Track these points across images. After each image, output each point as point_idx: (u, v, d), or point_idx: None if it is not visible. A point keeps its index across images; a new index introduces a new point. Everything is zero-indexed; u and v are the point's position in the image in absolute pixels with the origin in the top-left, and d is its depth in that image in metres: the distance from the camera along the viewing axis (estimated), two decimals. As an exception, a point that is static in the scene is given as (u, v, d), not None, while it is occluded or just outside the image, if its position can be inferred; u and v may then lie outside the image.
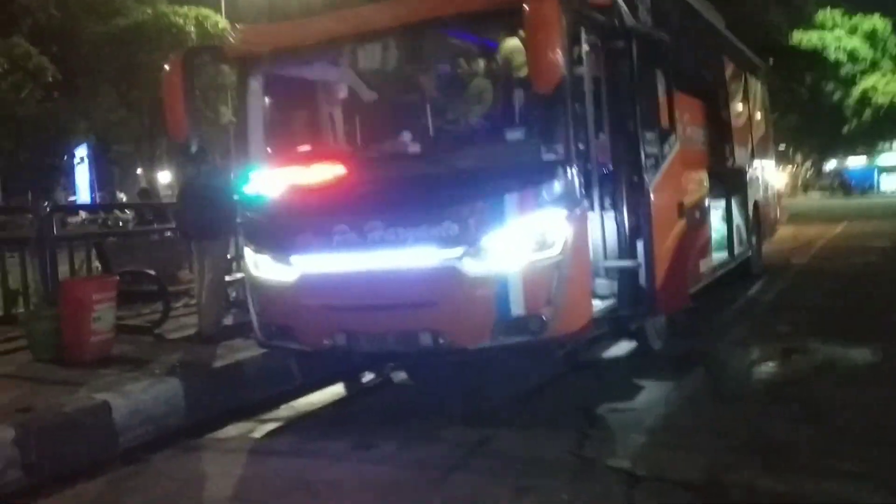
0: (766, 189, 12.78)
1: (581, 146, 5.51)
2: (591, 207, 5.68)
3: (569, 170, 5.21)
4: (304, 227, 5.78)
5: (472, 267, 5.22)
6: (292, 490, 4.35)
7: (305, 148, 6.36)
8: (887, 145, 54.08)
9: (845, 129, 46.58)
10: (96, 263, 8.72)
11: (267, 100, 6.31)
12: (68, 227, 14.73)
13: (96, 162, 34.70)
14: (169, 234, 9.65)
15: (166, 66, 6.01)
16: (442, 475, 4.37)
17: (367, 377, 6.88)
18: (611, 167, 6.00)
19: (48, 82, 25.62)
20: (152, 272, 7.78)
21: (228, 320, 7.88)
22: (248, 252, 6.18)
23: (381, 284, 5.46)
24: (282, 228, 5.89)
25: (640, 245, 5.96)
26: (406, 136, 5.84)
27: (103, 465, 4.98)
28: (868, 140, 49.42)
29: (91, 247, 8.59)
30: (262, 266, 6.03)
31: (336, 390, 6.58)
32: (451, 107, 6.04)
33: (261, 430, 5.62)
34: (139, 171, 36.31)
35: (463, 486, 4.21)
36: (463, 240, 5.24)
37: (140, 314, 8.22)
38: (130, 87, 27.16)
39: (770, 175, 13.70)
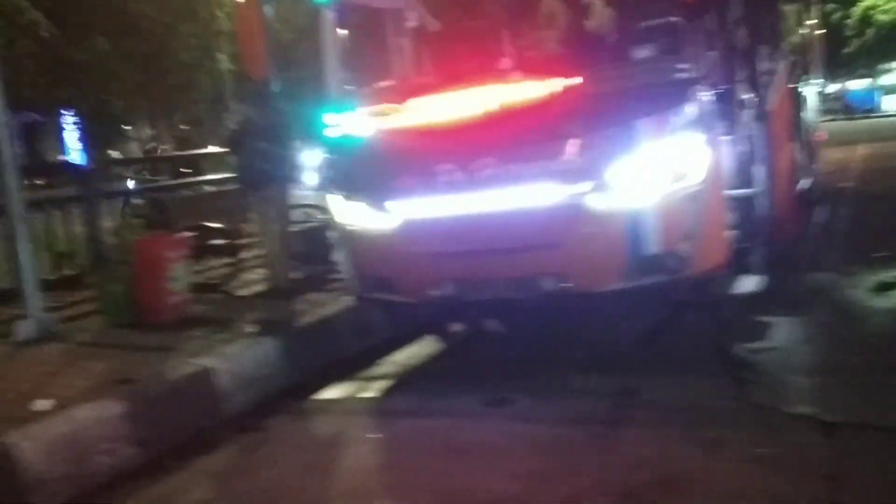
0: (813, 110, 12.30)
1: (712, 64, 5.00)
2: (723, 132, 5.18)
3: (704, 90, 4.73)
4: (403, 170, 5.29)
5: (601, 202, 4.75)
6: (441, 453, 3.97)
7: (400, 81, 5.79)
8: (889, 65, 53.24)
9: (846, 51, 45.68)
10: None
11: (353, 30, 5.75)
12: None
13: (88, 121, 33.46)
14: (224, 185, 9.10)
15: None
16: (605, 430, 4.02)
17: (453, 329, 6.47)
18: (730, 86, 5.48)
19: (42, 37, 24.55)
20: (220, 226, 7.29)
21: (296, 273, 7.47)
22: (337, 200, 5.70)
23: (496, 227, 4.99)
24: (378, 172, 5.39)
25: (759, 170, 5.50)
26: (516, 60, 5.30)
27: (214, 435, 4.61)
28: (869, 61, 48.55)
29: (150, 203, 8.07)
30: (355, 214, 5.55)
31: (430, 344, 6.17)
32: (569, 25, 5.47)
33: (370, 389, 5.24)
34: (129, 128, 35.14)
35: (639, 442, 3.84)
36: (590, 173, 4.76)
37: (200, 272, 7.78)
38: (124, 36, 26.08)
39: (814, 96, 13.21)
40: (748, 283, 5.39)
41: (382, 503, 3.55)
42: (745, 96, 5.48)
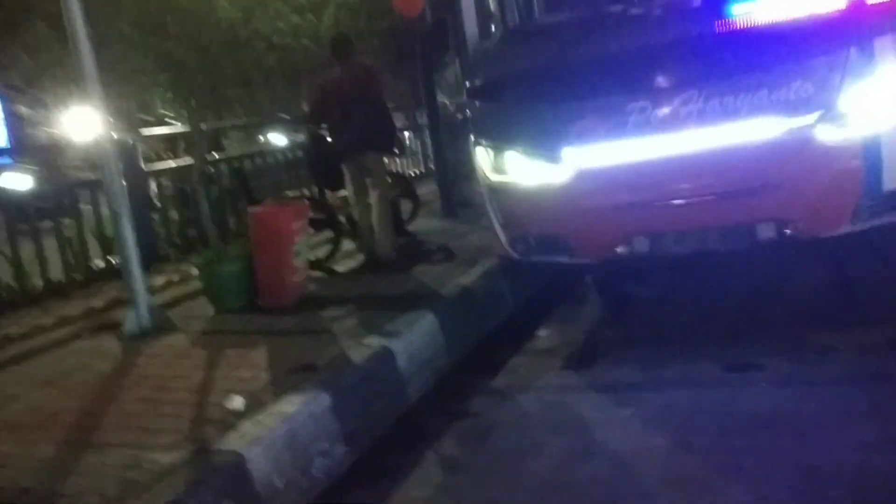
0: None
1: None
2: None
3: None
4: (580, 111, 4.63)
5: (831, 134, 4.17)
6: (736, 427, 3.37)
7: (562, 9, 5.07)
8: None
9: None
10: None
11: None
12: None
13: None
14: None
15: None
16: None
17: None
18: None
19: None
20: (318, 198, 6.55)
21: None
22: (488, 151, 5.04)
23: (703, 170, 4.39)
24: (543, 116, 4.72)
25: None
26: None
27: (419, 424, 3.96)
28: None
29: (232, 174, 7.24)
30: (513, 167, 4.89)
31: (578, 311, 5.57)
32: None
33: (558, 362, 4.60)
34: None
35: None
36: (816, 101, 4.17)
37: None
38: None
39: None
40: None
41: (736, 487, 2.91)
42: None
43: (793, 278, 5.34)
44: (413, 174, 11.75)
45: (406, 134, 11.93)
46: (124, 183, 5.10)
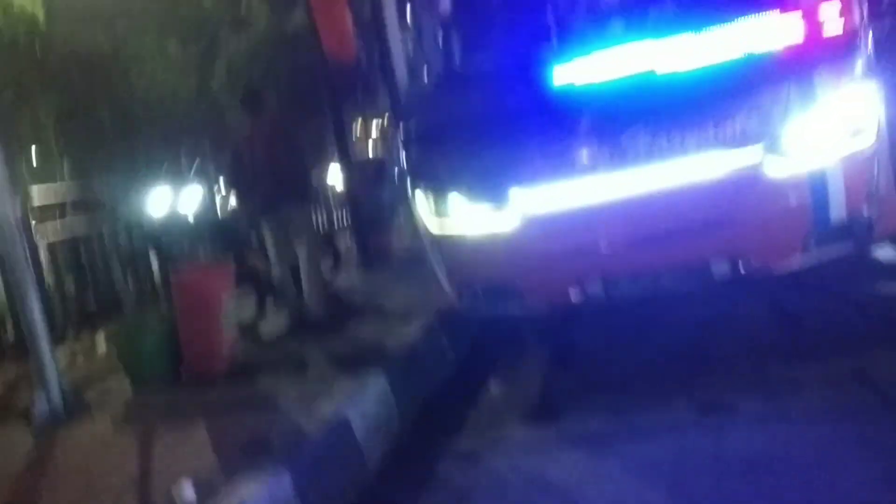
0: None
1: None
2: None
3: (866, 31, 4.31)
4: (525, 153, 4.49)
5: (778, 168, 4.18)
6: (730, 471, 3.20)
7: (506, 45, 4.91)
8: None
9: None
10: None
11: None
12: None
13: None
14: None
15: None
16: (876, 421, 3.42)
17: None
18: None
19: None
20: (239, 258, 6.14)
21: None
22: (428, 199, 4.82)
23: (654, 208, 4.30)
24: (488, 160, 4.54)
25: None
26: (656, 13, 4.63)
27: (383, 497, 3.63)
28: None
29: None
30: (458, 214, 4.68)
31: (514, 363, 5.38)
32: None
33: (518, 417, 4.36)
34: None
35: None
36: (762, 136, 4.18)
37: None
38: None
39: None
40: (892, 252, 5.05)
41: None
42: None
43: (736, 314, 5.34)
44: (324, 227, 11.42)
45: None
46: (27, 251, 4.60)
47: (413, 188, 4.93)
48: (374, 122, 17.49)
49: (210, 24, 16.74)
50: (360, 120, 16.09)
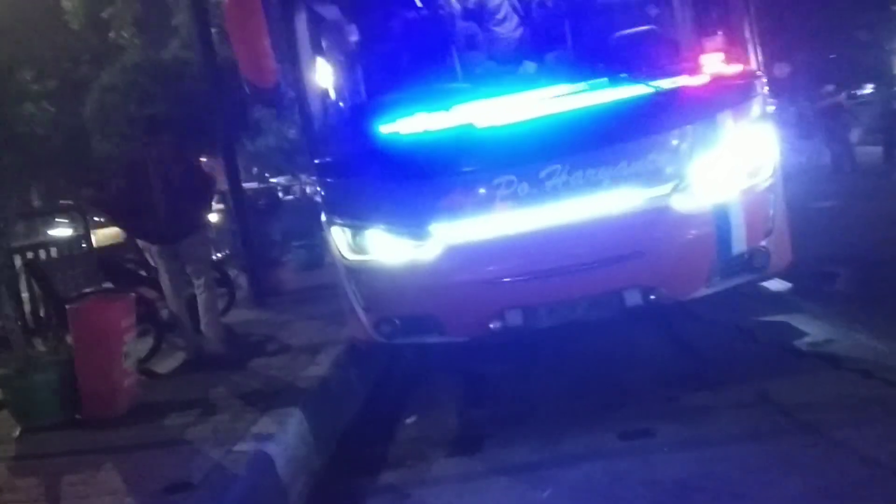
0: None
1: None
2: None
3: (764, 82, 4.65)
4: (446, 186, 4.54)
5: (685, 203, 4.42)
6: (666, 495, 3.31)
7: (425, 84, 4.92)
8: None
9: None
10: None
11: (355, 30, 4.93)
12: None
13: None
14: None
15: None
16: (797, 441, 3.64)
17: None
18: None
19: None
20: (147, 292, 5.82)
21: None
22: (345, 231, 4.77)
23: (570, 241, 4.44)
24: (407, 192, 4.56)
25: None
26: (574, 57, 4.81)
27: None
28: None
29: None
30: (376, 245, 4.67)
31: (442, 392, 5.35)
32: (628, 16, 5.05)
33: (441, 450, 4.29)
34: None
35: (852, 444, 3.49)
36: (671, 172, 4.42)
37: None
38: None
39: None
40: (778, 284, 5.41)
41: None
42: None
43: (641, 343, 5.54)
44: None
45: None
46: None
47: (329, 220, 4.86)
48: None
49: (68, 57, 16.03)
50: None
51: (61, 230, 9.92)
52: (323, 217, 4.96)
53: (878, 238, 8.18)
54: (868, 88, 26.41)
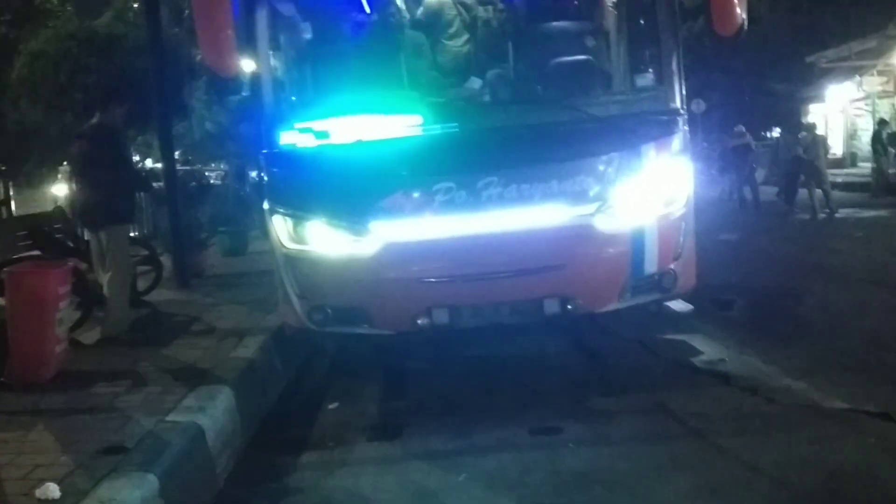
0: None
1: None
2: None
3: (686, 119, 5.09)
4: (389, 187, 4.80)
5: (606, 223, 4.80)
6: (575, 484, 3.66)
7: (370, 87, 5.15)
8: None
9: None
10: None
11: (309, 27, 5.13)
12: None
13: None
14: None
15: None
16: (693, 443, 4.06)
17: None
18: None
19: None
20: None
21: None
22: (286, 220, 4.96)
23: (500, 248, 4.76)
24: (351, 188, 4.80)
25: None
26: (517, 78, 5.14)
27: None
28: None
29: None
30: (315, 236, 4.88)
31: (363, 383, 5.60)
32: (568, 47, 5.39)
33: (361, 435, 4.54)
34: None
35: (742, 449, 3.92)
36: (596, 194, 4.81)
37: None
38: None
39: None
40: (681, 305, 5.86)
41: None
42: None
43: (553, 350, 5.92)
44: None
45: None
46: None
47: (271, 208, 5.05)
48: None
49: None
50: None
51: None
52: (265, 205, 5.14)
53: (771, 271, 8.88)
54: (775, 132, 28.01)
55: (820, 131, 16.24)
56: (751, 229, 12.73)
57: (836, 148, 24.70)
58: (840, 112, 25.96)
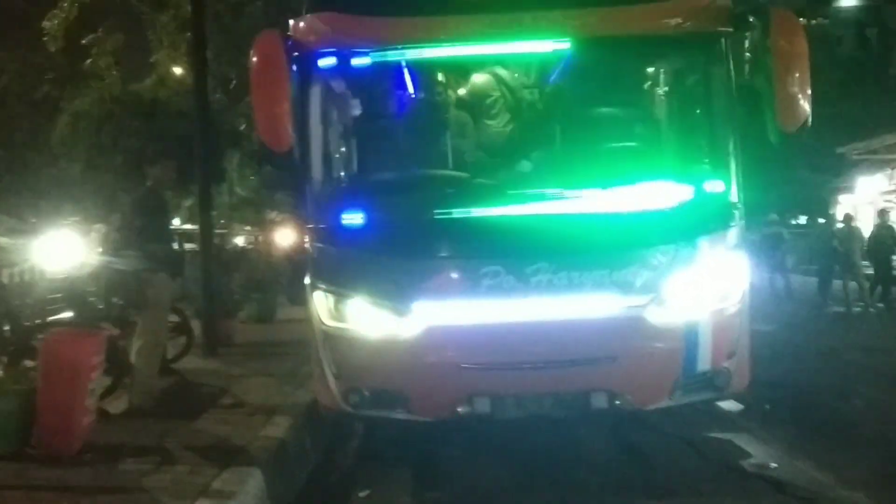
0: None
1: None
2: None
3: (742, 212, 4.96)
4: (434, 268, 4.69)
5: (659, 316, 4.65)
6: None
7: (427, 173, 5.11)
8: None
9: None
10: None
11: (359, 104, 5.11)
12: None
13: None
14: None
15: (258, 45, 4.53)
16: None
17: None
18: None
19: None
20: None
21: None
22: (327, 297, 4.84)
23: (547, 337, 4.62)
24: (395, 268, 4.69)
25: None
26: (569, 163, 5.05)
27: None
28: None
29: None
30: (356, 315, 4.75)
31: (393, 469, 5.37)
32: (620, 133, 5.30)
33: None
34: None
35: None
36: (649, 286, 4.66)
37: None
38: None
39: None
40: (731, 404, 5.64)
41: None
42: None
43: (595, 446, 5.66)
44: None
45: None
46: None
47: (313, 284, 4.93)
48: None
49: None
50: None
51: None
52: (307, 280, 5.03)
53: (812, 367, 8.60)
54: (801, 219, 27.93)
55: (855, 223, 16.03)
56: (785, 320, 12.45)
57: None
58: (869, 203, 25.84)
